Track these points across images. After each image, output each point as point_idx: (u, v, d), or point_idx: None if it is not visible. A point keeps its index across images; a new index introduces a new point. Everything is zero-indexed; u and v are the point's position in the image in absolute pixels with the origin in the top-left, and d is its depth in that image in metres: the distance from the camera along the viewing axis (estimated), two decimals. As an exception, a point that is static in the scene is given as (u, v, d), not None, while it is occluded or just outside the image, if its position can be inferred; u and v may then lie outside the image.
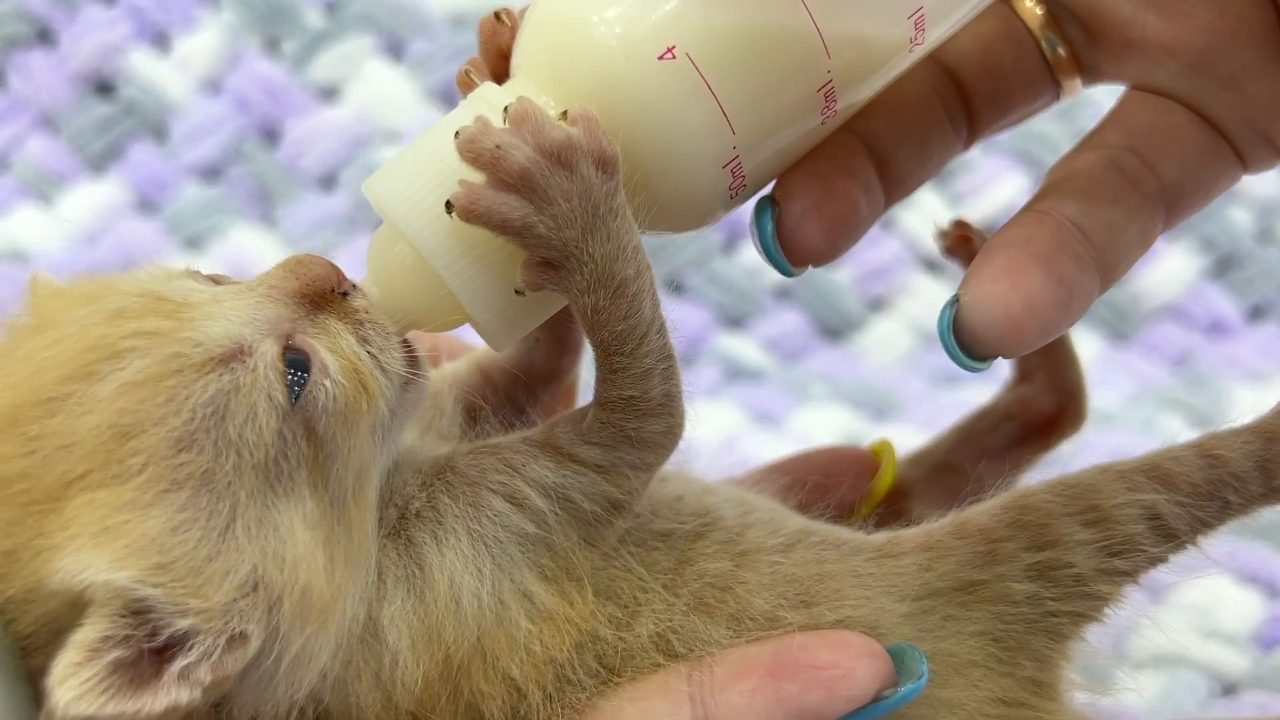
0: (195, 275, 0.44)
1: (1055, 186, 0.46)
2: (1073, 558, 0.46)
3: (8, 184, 1.02)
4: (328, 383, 0.42)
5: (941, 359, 1.06)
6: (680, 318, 0.99)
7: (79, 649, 0.37)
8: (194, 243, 1.00)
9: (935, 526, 0.48)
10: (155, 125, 1.03)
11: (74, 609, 0.38)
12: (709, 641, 0.45)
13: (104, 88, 1.03)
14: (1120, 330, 1.00)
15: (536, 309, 0.44)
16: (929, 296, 1.01)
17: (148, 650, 0.38)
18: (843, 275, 1.00)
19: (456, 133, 0.41)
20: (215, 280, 0.44)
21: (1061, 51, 0.49)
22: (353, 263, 1.07)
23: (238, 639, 0.39)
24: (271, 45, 1.05)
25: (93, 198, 1.01)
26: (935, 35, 0.45)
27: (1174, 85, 0.47)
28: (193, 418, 0.40)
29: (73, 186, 1.02)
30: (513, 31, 0.44)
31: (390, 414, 0.44)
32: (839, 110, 0.44)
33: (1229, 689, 0.67)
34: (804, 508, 0.52)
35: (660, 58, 0.40)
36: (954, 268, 1.01)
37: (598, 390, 0.45)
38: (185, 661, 0.38)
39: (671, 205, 0.42)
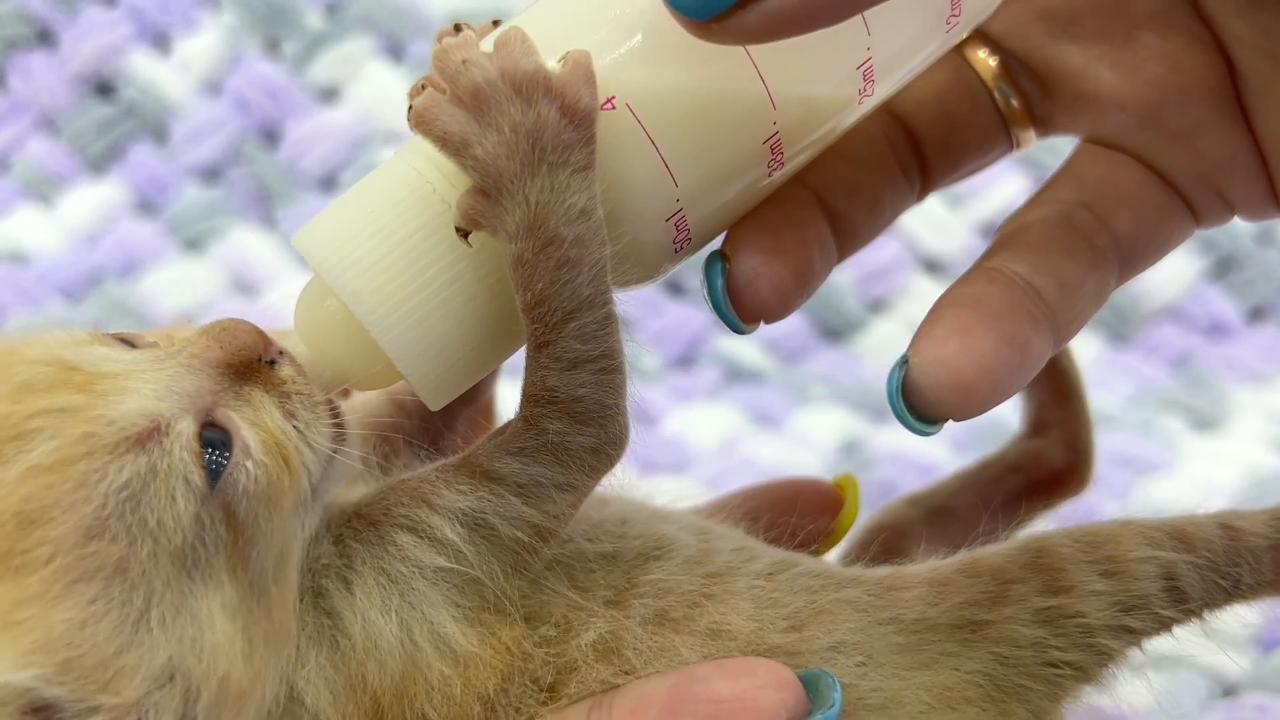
0: (105, 338, 0.41)
1: (1006, 242, 0.45)
2: (1084, 607, 0.45)
3: (8, 185, 1.02)
4: (249, 464, 0.39)
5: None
6: (680, 318, 1.00)
7: None
8: (194, 244, 1.00)
9: (944, 563, 0.47)
10: (155, 126, 1.03)
11: None
12: (674, 653, 0.43)
13: (104, 89, 1.03)
14: (1120, 331, 1.00)
15: (471, 367, 0.43)
16: (929, 298, 1.00)
17: None
18: (842, 277, 1.00)
19: (440, 36, 0.40)
20: (128, 341, 0.42)
21: (1015, 103, 0.48)
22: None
23: None
24: (272, 46, 1.05)
25: (93, 199, 1.01)
26: (885, 88, 0.44)
27: (1126, 139, 0.46)
28: (105, 504, 0.37)
29: (73, 188, 1.02)
30: None
31: (314, 490, 0.42)
32: (787, 163, 0.43)
33: (1229, 690, 0.67)
34: (772, 543, 0.50)
35: (600, 108, 0.39)
36: (955, 269, 1.01)
37: (524, 379, 0.42)
38: None
39: (614, 258, 0.40)
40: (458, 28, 0.42)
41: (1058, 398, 0.59)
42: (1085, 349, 1.00)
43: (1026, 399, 0.60)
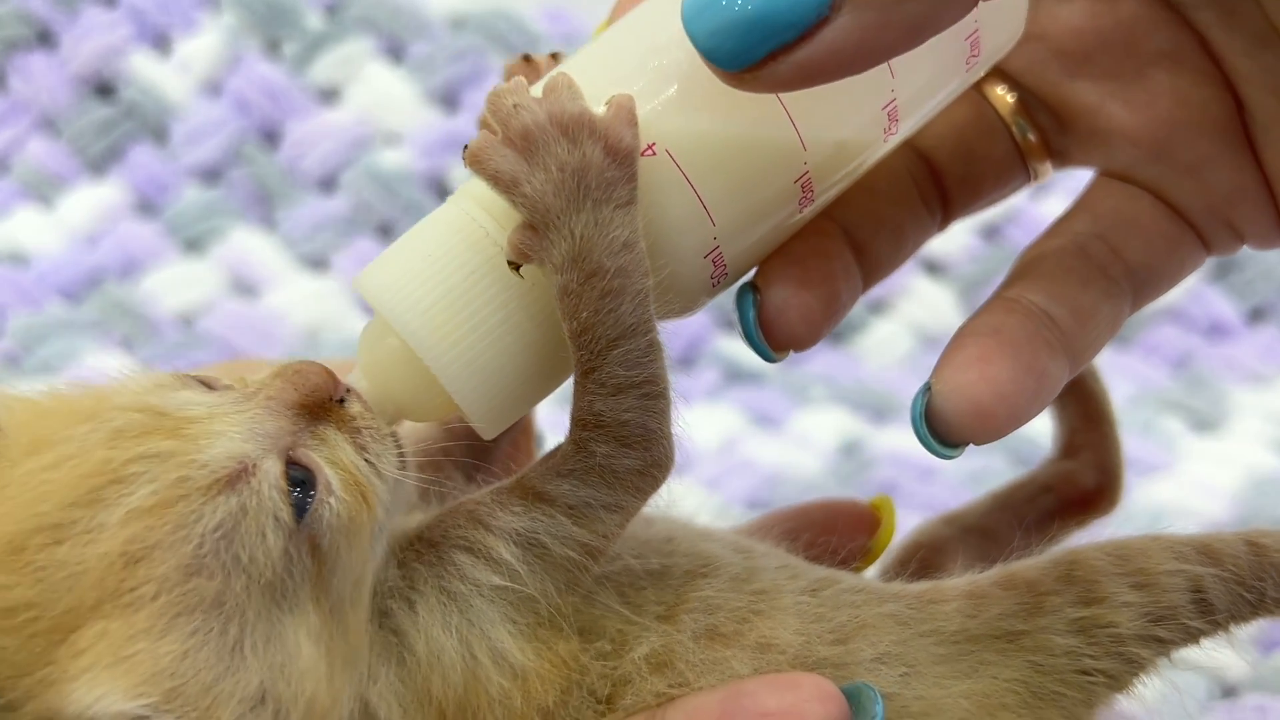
0: (185, 380, 0.44)
1: (1023, 273, 0.47)
2: (1116, 617, 0.47)
3: (8, 186, 1.02)
4: (332, 500, 0.42)
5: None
6: (680, 320, 0.99)
7: None
8: (194, 245, 1.01)
9: (980, 577, 0.49)
10: (156, 127, 1.03)
11: None
12: (726, 667, 0.45)
13: (104, 89, 1.04)
14: (1120, 333, 1.00)
15: (523, 399, 0.45)
16: (929, 299, 1.01)
17: None
18: (843, 277, 1.00)
19: (507, 72, 0.43)
20: (204, 383, 0.44)
21: (1032, 137, 0.50)
22: (351, 266, 1.07)
23: None
24: (272, 47, 1.05)
25: (93, 199, 1.02)
26: (909, 125, 0.46)
27: (1139, 172, 0.48)
28: (202, 544, 0.40)
29: (73, 188, 1.02)
30: (537, 76, 0.45)
31: (386, 515, 0.45)
32: (816, 199, 0.45)
33: (1229, 691, 0.67)
34: (811, 561, 0.51)
35: (642, 154, 0.42)
36: (955, 270, 1.01)
37: (573, 405, 0.44)
38: None
39: (656, 292, 0.43)
40: (527, 58, 0.46)
41: (1088, 422, 0.61)
42: (1085, 350, 1.00)
43: (1058, 423, 0.62)
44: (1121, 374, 0.97)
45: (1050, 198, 0.98)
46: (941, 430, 0.44)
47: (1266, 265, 1.01)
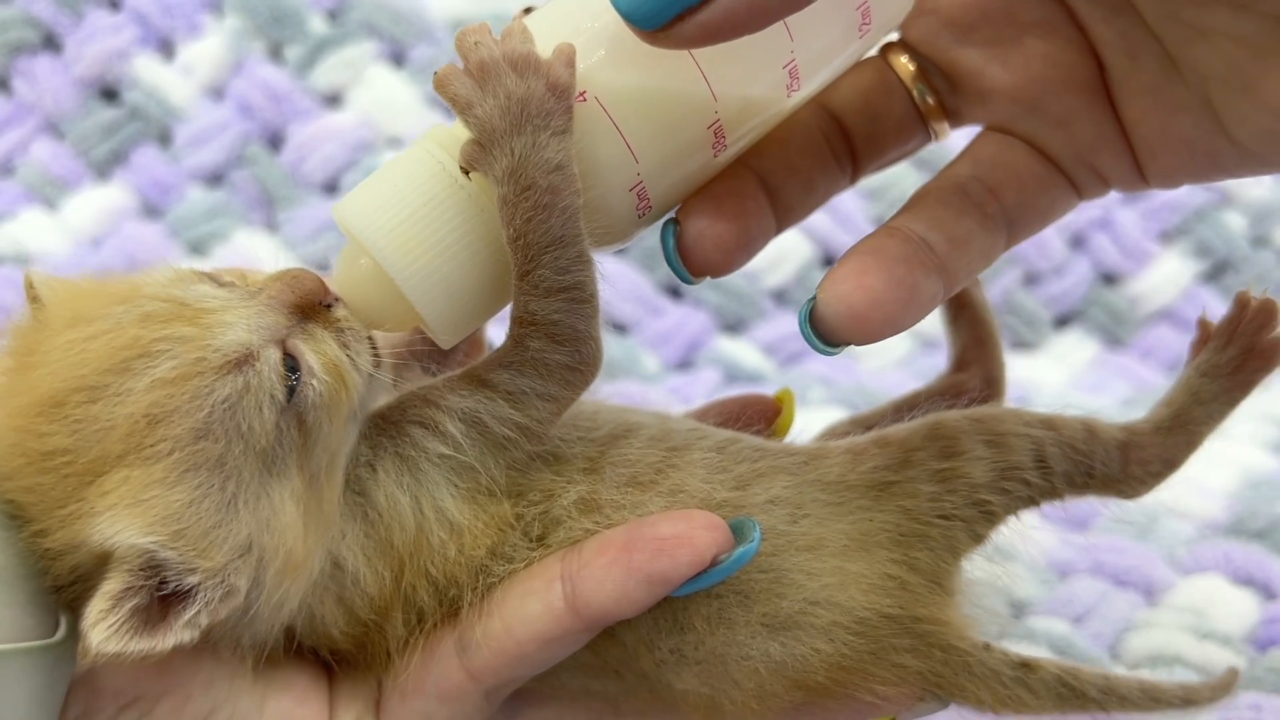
0: (201, 276, 0.52)
1: (908, 206, 0.55)
2: (971, 470, 0.56)
3: (13, 188, 1.04)
4: (315, 382, 0.50)
5: (938, 362, 1.06)
6: (680, 321, 1.00)
7: (106, 598, 0.45)
8: (197, 246, 1.01)
9: (860, 438, 0.58)
10: (159, 130, 1.04)
11: (99, 561, 0.47)
12: (644, 508, 0.54)
13: (109, 93, 1.05)
14: (1116, 334, 1.01)
15: (476, 311, 0.53)
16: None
17: (156, 598, 0.47)
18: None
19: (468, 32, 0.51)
20: (215, 279, 0.52)
21: (930, 100, 0.57)
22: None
23: (231, 591, 0.48)
24: (275, 51, 1.05)
25: (97, 202, 1.04)
26: (811, 85, 0.54)
27: (1016, 125, 0.56)
28: (211, 413, 0.48)
29: (77, 191, 1.04)
30: None
31: (359, 404, 0.53)
32: (729, 146, 0.52)
33: (1224, 689, 0.67)
34: None
35: (577, 100, 0.50)
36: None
37: (512, 307, 0.52)
38: (191, 611, 0.46)
39: (589, 221, 0.51)
40: (528, 10, 0.54)
41: (977, 342, 0.71)
42: (1082, 351, 1.01)
43: (952, 343, 0.72)
44: (1117, 375, 0.98)
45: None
46: (824, 331, 0.51)
47: (1261, 268, 1.02)
